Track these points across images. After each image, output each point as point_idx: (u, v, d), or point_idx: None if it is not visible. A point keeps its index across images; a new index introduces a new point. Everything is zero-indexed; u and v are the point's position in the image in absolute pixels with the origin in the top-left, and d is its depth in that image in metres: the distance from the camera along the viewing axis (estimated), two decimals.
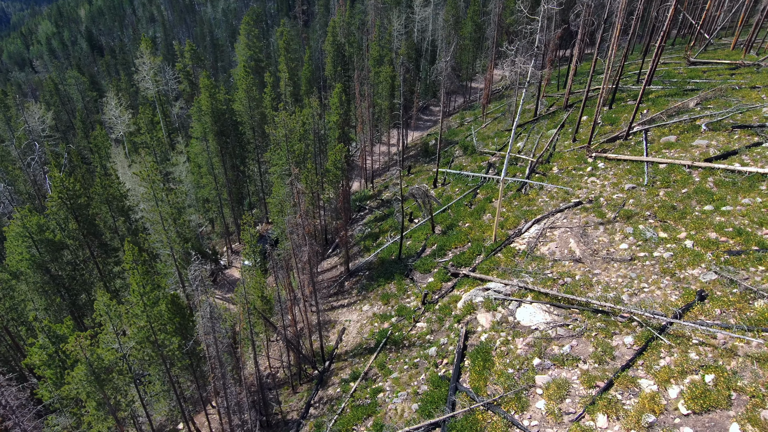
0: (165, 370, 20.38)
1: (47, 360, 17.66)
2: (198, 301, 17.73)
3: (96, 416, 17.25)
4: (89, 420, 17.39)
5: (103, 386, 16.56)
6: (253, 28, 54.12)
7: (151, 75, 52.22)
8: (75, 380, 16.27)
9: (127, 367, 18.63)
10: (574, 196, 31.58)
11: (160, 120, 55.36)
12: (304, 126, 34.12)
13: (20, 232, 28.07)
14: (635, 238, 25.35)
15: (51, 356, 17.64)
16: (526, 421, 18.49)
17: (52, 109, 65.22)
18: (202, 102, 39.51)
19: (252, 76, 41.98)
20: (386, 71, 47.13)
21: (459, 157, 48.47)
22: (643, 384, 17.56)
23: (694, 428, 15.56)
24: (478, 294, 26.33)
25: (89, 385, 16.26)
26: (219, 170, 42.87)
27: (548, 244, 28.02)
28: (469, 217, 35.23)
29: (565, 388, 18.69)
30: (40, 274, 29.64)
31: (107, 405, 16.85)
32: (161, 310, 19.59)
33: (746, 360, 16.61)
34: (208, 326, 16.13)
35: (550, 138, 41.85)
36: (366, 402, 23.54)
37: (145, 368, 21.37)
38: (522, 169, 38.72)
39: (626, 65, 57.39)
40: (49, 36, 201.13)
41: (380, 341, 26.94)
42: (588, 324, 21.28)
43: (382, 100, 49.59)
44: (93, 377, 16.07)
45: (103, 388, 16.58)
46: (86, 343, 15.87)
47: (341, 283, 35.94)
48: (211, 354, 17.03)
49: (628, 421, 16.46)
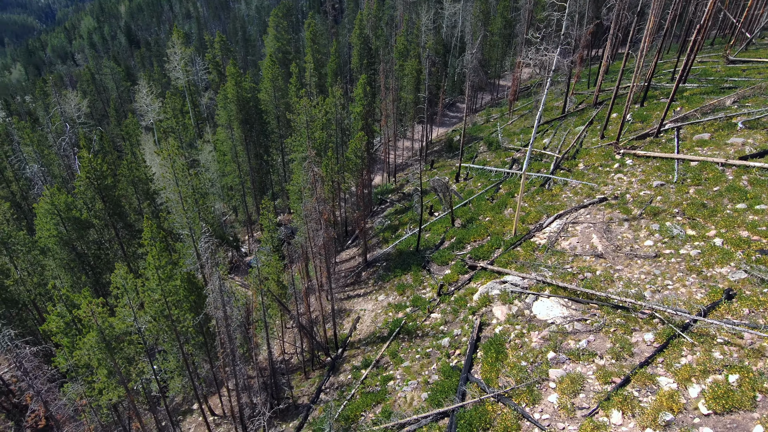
0: (178, 346, 20.64)
1: (64, 328, 18.11)
2: (209, 273, 17.88)
3: (107, 384, 17.61)
4: (100, 387, 17.76)
5: (113, 354, 16.86)
6: (282, 21, 54.62)
7: (182, 65, 53.32)
8: (86, 346, 16.62)
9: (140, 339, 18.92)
10: (598, 192, 30.68)
11: (189, 109, 56.45)
12: (326, 115, 34.15)
13: (49, 209, 28.94)
14: (661, 235, 24.42)
15: (68, 324, 18.09)
16: (537, 414, 17.98)
17: (88, 98, 67.39)
18: (228, 90, 40.06)
19: (278, 66, 42.34)
20: (412, 64, 46.80)
21: (483, 153, 47.79)
22: (662, 382, 16.85)
23: (715, 429, 14.81)
24: (495, 287, 25.81)
25: (100, 352, 16.59)
26: (243, 158, 43.40)
27: (569, 239, 27.28)
28: (489, 211, 34.64)
29: (579, 382, 18.09)
30: (67, 251, 30.50)
31: (118, 374, 17.17)
32: (176, 286, 19.87)
33: None
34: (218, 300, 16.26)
35: (578, 135, 40.81)
36: (376, 389, 23.36)
37: (160, 343, 21.73)
38: (546, 165, 37.88)
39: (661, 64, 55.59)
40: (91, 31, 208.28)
41: (393, 330, 26.71)
42: (607, 319, 20.56)
43: (406, 94, 49.26)
44: (104, 344, 16.39)
45: (114, 356, 16.88)
46: (98, 310, 16.19)
47: (358, 273, 35.85)
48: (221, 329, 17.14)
49: (644, 418, 15.79)
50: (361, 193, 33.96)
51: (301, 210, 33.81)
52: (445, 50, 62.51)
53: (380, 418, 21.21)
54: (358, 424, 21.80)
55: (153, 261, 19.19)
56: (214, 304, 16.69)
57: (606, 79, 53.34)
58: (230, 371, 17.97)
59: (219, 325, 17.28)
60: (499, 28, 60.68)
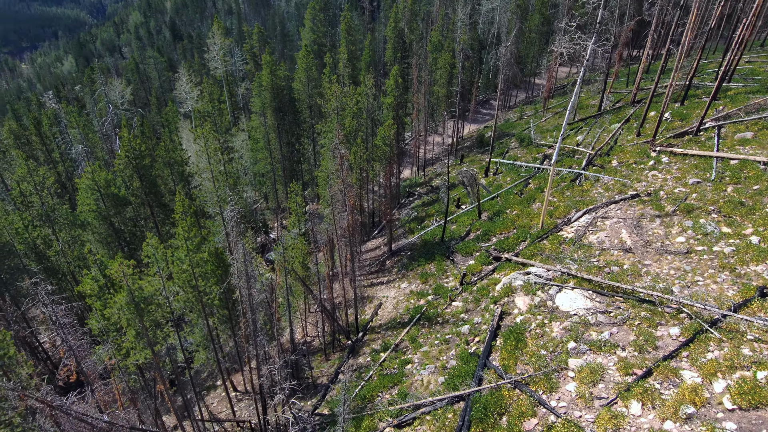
0: (204, 318, 21.34)
1: (97, 291, 19.03)
2: (233, 242, 18.42)
3: (134, 344, 18.41)
4: (128, 346, 18.58)
5: (142, 316, 17.62)
6: (319, 14, 55.43)
7: (221, 55, 54.80)
8: (116, 305, 17.42)
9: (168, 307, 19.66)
10: (631, 189, 29.96)
11: (226, 98, 57.94)
12: (357, 104, 34.50)
13: (90, 184, 30.33)
14: (694, 232, 23.69)
15: (101, 288, 18.99)
16: (554, 402, 17.78)
17: (131, 86, 70.05)
18: (263, 78, 40.96)
19: (312, 57, 43.00)
20: (445, 58, 46.65)
21: (514, 149, 47.25)
22: (686, 375, 16.40)
23: (739, 424, 14.33)
24: (518, 277, 25.57)
25: (129, 312, 17.35)
26: (275, 145, 44.27)
27: (598, 233, 26.75)
28: (517, 205, 34.28)
29: (599, 372, 17.78)
30: (105, 226, 31.88)
31: (145, 336, 17.93)
32: (204, 258, 20.56)
33: None
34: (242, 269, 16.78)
35: (612, 132, 39.88)
36: (393, 372, 23.53)
37: (186, 314, 22.52)
38: (579, 162, 37.19)
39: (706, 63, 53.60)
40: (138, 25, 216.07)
41: (414, 316, 26.82)
42: (632, 313, 20.12)
43: (439, 88, 49.15)
44: (133, 305, 17.14)
45: (142, 318, 17.64)
46: (128, 271, 16.97)
47: (383, 262, 36.07)
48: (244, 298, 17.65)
49: (664, 410, 15.42)
50: (388, 182, 34.13)
51: (327, 195, 34.31)
52: (480, 47, 62.00)
53: (396, 399, 21.38)
54: (374, 404, 22.02)
55: (182, 232, 19.92)
56: (238, 273, 17.23)
57: (646, 78, 51.84)
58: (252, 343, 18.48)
59: (242, 294, 17.79)
60: (537, 24, 59.75)
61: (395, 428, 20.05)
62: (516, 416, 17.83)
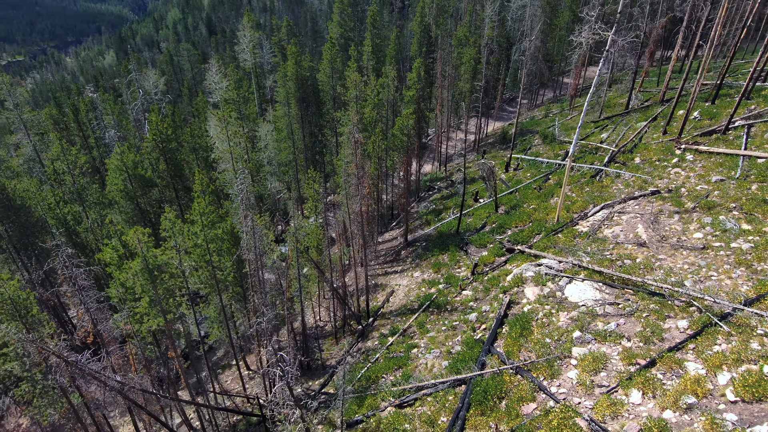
0: (217, 292, 22.07)
1: (117, 261, 19.96)
2: (243, 215, 19.03)
3: (148, 311, 19.24)
4: (141, 312, 19.43)
5: (155, 283, 18.41)
6: (347, 8, 56.08)
7: (250, 47, 56.07)
8: (131, 271, 18.25)
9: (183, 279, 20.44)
10: (652, 185, 29.40)
11: (254, 90, 59.26)
12: (378, 95, 34.84)
13: (119, 165, 31.64)
14: (713, 228, 23.16)
15: (120, 257, 19.91)
16: (554, 388, 17.76)
17: (165, 77, 72.30)
18: (288, 68, 41.76)
19: (337, 49, 43.56)
20: (470, 53, 46.49)
21: (537, 146, 46.79)
22: (690, 367, 16.16)
23: (740, 416, 14.08)
24: (530, 269, 25.47)
25: (143, 278, 18.17)
26: (298, 135, 45.06)
27: (613, 227, 26.40)
28: (535, 199, 34.03)
29: (602, 361, 17.66)
30: (132, 206, 33.20)
31: (158, 303, 18.72)
32: (218, 234, 21.26)
33: None
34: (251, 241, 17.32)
35: (638, 130, 39.09)
36: (399, 355, 23.82)
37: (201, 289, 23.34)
38: (601, 159, 36.62)
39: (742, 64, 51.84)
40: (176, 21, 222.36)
41: (423, 304, 27.02)
42: (641, 305, 19.87)
43: (463, 83, 49.00)
44: (147, 272, 17.94)
45: (155, 285, 18.44)
46: (144, 239, 17.77)
47: (398, 252, 36.35)
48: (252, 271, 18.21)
49: (665, 399, 15.27)
50: (405, 173, 34.33)
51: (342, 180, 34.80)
52: (508, 44, 61.47)
53: (399, 381, 21.66)
54: (378, 384, 22.35)
55: (198, 208, 20.68)
56: (247, 246, 17.81)
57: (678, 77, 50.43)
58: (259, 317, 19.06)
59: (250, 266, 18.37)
60: (567, 21, 58.84)
61: (396, 408, 20.32)
62: (515, 400, 17.89)
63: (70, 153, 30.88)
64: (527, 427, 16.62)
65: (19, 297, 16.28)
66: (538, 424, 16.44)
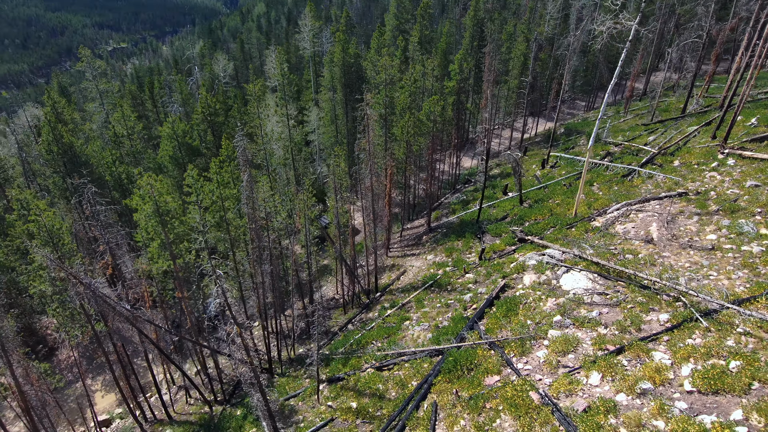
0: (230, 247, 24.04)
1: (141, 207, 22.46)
2: (242, 170, 20.70)
3: (158, 254, 21.52)
4: (153, 254, 21.74)
5: (165, 227, 20.57)
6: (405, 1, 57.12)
7: (310, 36, 58.69)
8: (144, 213, 20.54)
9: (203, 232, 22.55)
10: (681, 187, 28.13)
11: (310, 76, 62.00)
12: (415, 83, 35.67)
13: (170, 133, 34.88)
14: (728, 231, 22.04)
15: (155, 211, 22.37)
16: (521, 365, 18.04)
17: (233, 63, 77.19)
18: (335, 53, 43.57)
19: (384, 37, 44.74)
20: (519, 48, 45.86)
21: (581, 145, 45.49)
22: (657, 356, 15.91)
23: (691, 405, 13.86)
24: (533, 257, 25.46)
25: (154, 221, 20.37)
26: (341, 120, 46.83)
27: (626, 224, 25.70)
28: (561, 195, 33.51)
29: (573, 344, 17.71)
30: (179, 171, 36.41)
31: (168, 247, 20.89)
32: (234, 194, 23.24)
33: None
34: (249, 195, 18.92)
35: (687, 134, 37.12)
36: (392, 325, 24.76)
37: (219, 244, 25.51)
38: (640, 159, 35.24)
39: None
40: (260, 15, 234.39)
41: (426, 282, 27.71)
42: (629, 297, 19.54)
43: (511, 78, 48.38)
44: (157, 216, 20.11)
45: (165, 229, 20.60)
46: (156, 185, 19.93)
47: (420, 237, 37.09)
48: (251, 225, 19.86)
49: (622, 383, 15.22)
50: (430, 158, 34.86)
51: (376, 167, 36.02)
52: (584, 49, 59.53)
53: (385, 347, 22.63)
54: (366, 349, 23.45)
55: (214, 167, 22.74)
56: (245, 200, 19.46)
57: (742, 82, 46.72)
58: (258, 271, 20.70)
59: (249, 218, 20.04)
60: None
61: (376, 369, 21.33)
62: (481, 371, 18.36)
63: (130, 119, 34.51)
64: (485, 396, 17.10)
65: (53, 227, 19.06)
66: (495, 394, 16.86)
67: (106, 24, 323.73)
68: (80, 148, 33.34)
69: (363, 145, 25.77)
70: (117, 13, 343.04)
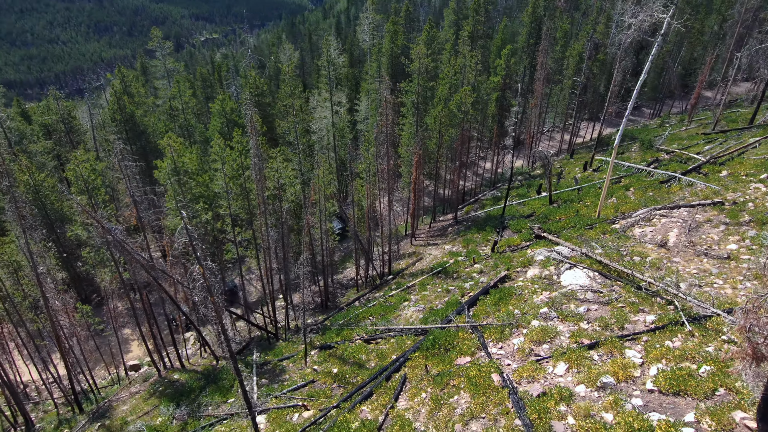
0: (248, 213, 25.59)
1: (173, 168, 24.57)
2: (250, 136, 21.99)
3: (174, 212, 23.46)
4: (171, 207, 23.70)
5: (182, 186, 22.40)
6: None
7: (370, 29, 59.98)
8: (163, 171, 22.48)
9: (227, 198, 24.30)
10: (719, 197, 26.30)
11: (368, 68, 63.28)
12: (455, 75, 35.72)
13: (219, 110, 37.44)
14: (751, 242, 20.53)
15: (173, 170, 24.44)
16: (495, 349, 18.08)
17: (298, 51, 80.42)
18: (384, 44, 44.41)
19: (435, 30, 44.87)
20: (576, 47, 44.17)
21: (632, 152, 43.24)
22: (629, 354, 15.44)
23: (647, 403, 13.46)
24: (542, 253, 24.99)
25: (172, 176, 22.24)
26: None
27: (645, 228, 24.55)
28: (593, 197, 32.35)
29: (550, 335, 17.50)
30: None
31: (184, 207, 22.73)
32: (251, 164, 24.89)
33: None
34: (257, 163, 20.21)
35: (745, 144, 34.39)
36: (390, 305, 25.35)
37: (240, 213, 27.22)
38: (685, 167, 33.15)
39: None
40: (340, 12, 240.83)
41: (435, 269, 27.96)
42: (623, 297, 18.91)
43: (565, 78, 46.68)
44: (174, 174, 21.96)
45: (182, 187, 22.43)
46: (174, 144, 21.76)
47: (446, 228, 37.16)
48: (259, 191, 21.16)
49: (585, 376, 14.98)
50: (458, 149, 34.67)
51: (407, 155, 36.58)
52: (639, 47, 56.48)
53: (377, 322, 23.29)
54: (360, 323, 24.23)
55: (237, 136, 24.34)
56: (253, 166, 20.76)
57: None
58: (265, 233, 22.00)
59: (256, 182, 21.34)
60: (711, 27, 52.11)
61: (364, 341, 22.06)
62: (456, 352, 18.57)
63: (185, 95, 37.43)
64: (451, 374, 17.35)
65: (89, 177, 21.47)
66: (461, 373, 17.04)
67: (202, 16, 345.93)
68: (140, 118, 36.69)
69: (380, 127, 26.40)
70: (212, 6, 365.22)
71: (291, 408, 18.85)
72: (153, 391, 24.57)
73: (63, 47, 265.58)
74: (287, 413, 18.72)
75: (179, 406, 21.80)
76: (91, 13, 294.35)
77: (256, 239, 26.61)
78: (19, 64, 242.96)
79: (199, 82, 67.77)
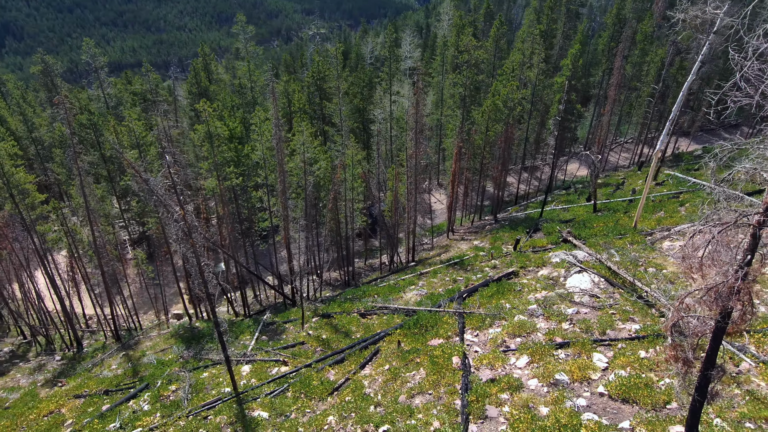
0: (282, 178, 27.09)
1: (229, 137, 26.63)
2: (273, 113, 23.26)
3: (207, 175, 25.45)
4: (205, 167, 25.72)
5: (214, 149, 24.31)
6: None
7: (449, 24, 59.80)
8: (197, 136, 24.53)
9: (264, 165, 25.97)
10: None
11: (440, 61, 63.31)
12: (512, 72, 34.91)
13: (282, 90, 39.79)
14: None
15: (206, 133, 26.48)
16: (470, 336, 18.03)
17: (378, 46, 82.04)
18: (449, 40, 44.27)
19: (505, 28, 43.83)
20: (659, 52, 40.70)
21: (704, 169, 39.42)
22: (596, 357, 14.80)
23: (590, 405, 13.01)
24: (560, 255, 24.04)
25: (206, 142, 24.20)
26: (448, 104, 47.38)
27: (675, 242, 22.65)
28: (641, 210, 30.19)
29: (525, 329, 17.14)
30: (286, 124, 41.28)
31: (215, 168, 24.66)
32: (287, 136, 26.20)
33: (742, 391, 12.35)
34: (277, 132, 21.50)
35: None
36: (398, 287, 25.81)
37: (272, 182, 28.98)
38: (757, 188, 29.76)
39: None
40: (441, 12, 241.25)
41: (452, 260, 27.87)
42: (620, 304, 17.90)
43: (643, 85, 43.25)
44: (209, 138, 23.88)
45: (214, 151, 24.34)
46: (209, 109, 23.71)
47: (484, 226, 36.49)
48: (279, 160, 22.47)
49: (542, 371, 14.72)
50: (502, 145, 33.65)
51: (450, 147, 36.45)
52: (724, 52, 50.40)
53: (377, 300, 23.88)
54: (363, 299, 24.97)
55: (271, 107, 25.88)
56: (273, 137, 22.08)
57: None
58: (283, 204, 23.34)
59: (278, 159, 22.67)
60: None
61: (360, 315, 22.78)
62: (432, 333, 18.71)
63: (254, 74, 40.24)
64: (419, 352, 17.59)
65: (140, 134, 24.19)
66: (427, 352, 17.18)
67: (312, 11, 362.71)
68: (213, 92, 40.11)
69: (411, 113, 26.64)
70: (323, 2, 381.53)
71: (273, 362, 20.03)
72: (174, 334, 27.15)
73: (189, 34, 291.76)
74: (269, 366, 19.92)
75: (188, 348, 23.97)
76: (216, 3, 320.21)
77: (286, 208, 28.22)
78: (151, 47, 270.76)
79: (283, 68, 71.99)
